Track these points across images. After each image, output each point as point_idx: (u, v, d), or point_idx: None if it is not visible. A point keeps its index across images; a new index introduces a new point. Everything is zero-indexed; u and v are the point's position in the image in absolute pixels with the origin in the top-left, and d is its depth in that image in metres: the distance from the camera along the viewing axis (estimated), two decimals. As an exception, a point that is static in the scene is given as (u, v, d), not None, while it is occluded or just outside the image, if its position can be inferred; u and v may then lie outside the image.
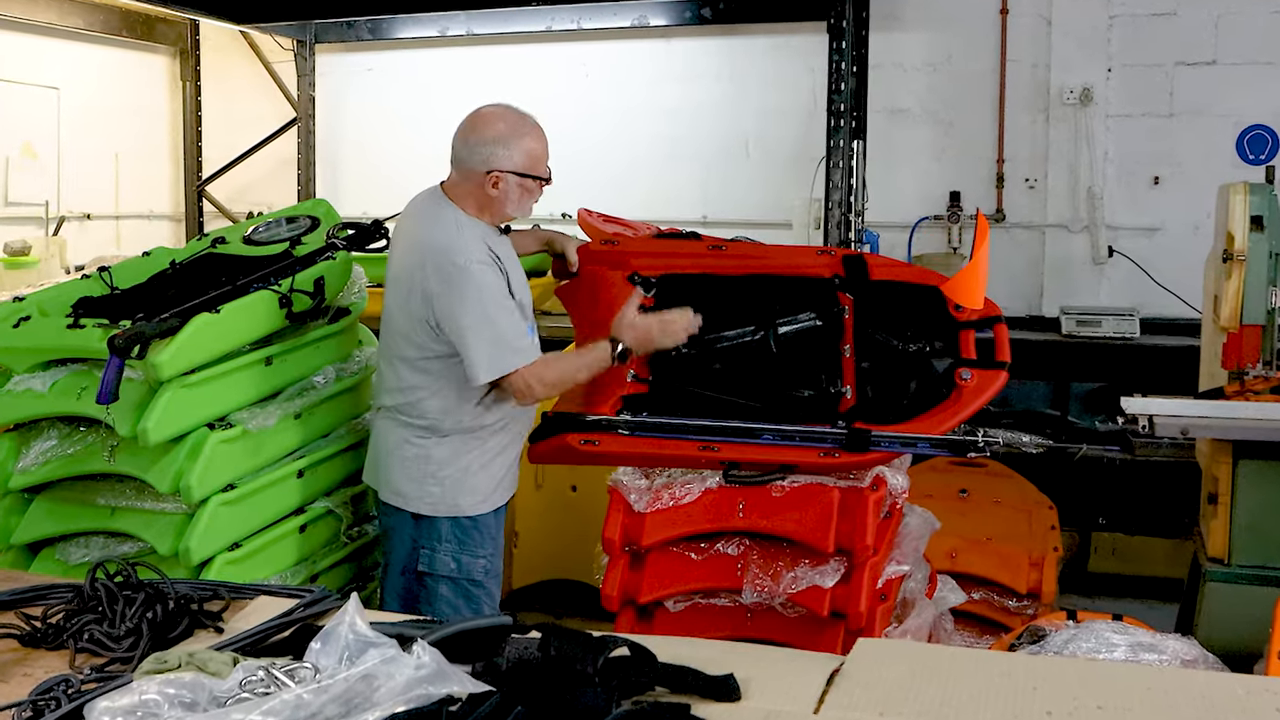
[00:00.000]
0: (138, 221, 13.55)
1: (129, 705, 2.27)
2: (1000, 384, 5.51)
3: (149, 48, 13.59)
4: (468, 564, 5.30)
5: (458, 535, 5.30)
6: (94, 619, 2.93)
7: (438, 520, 5.25)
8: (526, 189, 5.33)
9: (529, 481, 5.81)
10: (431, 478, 5.23)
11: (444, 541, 5.27)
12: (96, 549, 4.93)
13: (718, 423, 5.32)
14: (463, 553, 5.30)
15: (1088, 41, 11.00)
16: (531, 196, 5.39)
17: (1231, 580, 6.83)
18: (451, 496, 5.25)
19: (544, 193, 5.49)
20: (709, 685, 2.56)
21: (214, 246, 5.54)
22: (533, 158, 5.31)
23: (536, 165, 5.33)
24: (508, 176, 5.23)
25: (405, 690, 2.26)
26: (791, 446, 5.22)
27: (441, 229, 5.14)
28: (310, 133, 13.63)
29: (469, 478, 5.28)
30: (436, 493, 5.23)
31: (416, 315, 5.07)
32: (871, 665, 2.76)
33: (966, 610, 6.77)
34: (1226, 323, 7.04)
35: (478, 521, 5.33)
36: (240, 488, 4.90)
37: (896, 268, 5.77)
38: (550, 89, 12.20)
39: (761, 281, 5.68)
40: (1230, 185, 7.19)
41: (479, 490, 5.32)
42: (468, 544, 5.31)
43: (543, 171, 5.37)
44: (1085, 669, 2.88)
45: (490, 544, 5.39)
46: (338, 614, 2.46)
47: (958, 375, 5.43)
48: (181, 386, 4.68)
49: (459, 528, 5.29)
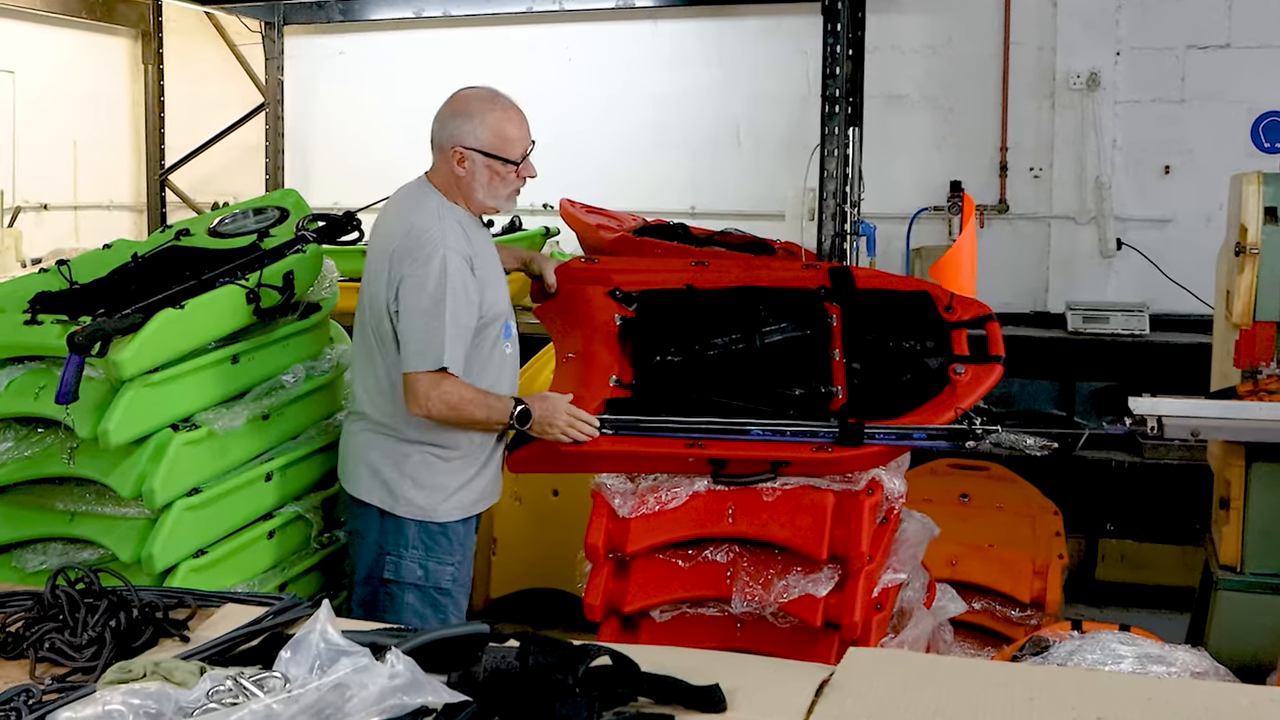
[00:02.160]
0: (97, 212, 13.53)
1: (93, 716, 2.29)
2: (995, 378, 5.62)
3: (109, 30, 13.56)
4: (435, 571, 5.32)
5: (425, 541, 5.31)
6: (55, 627, 2.95)
7: (405, 524, 5.28)
8: (496, 172, 5.30)
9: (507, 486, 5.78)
10: (401, 479, 5.25)
11: (411, 547, 5.29)
12: (55, 556, 4.93)
13: (705, 420, 5.35)
14: (430, 559, 5.31)
15: (1095, 23, 11.01)
16: (504, 182, 5.34)
17: (1244, 589, 6.84)
18: (420, 499, 5.27)
19: (525, 185, 5.45)
20: (694, 695, 2.59)
21: (178, 239, 5.55)
22: (502, 138, 5.29)
23: (506, 147, 5.29)
24: (473, 155, 5.24)
25: (379, 700, 2.27)
26: (782, 442, 5.26)
27: (421, 213, 5.19)
28: (279, 119, 13.61)
29: (439, 480, 5.31)
30: (406, 495, 5.25)
31: (385, 304, 5.11)
32: (863, 675, 2.78)
33: (967, 621, 6.79)
34: (1239, 319, 7.05)
35: (446, 528, 5.35)
36: (206, 492, 4.92)
37: (882, 277, 5.94)
38: (531, 73, 12.19)
39: (747, 293, 5.76)
40: (1244, 175, 7.20)
41: (450, 495, 5.33)
42: (435, 550, 5.32)
43: (512, 154, 5.30)
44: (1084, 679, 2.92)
45: (459, 551, 5.41)
46: (308, 622, 2.48)
47: (951, 370, 5.52)
48: (144, 385, 4.70)
49: (426, 533, 5.30)
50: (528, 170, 5.40)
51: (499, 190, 5.35)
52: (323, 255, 5.57)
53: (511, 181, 5.36)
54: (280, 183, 13.48)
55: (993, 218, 11.28)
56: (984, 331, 5.80)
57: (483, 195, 5.33)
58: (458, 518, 5.38)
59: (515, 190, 5.42)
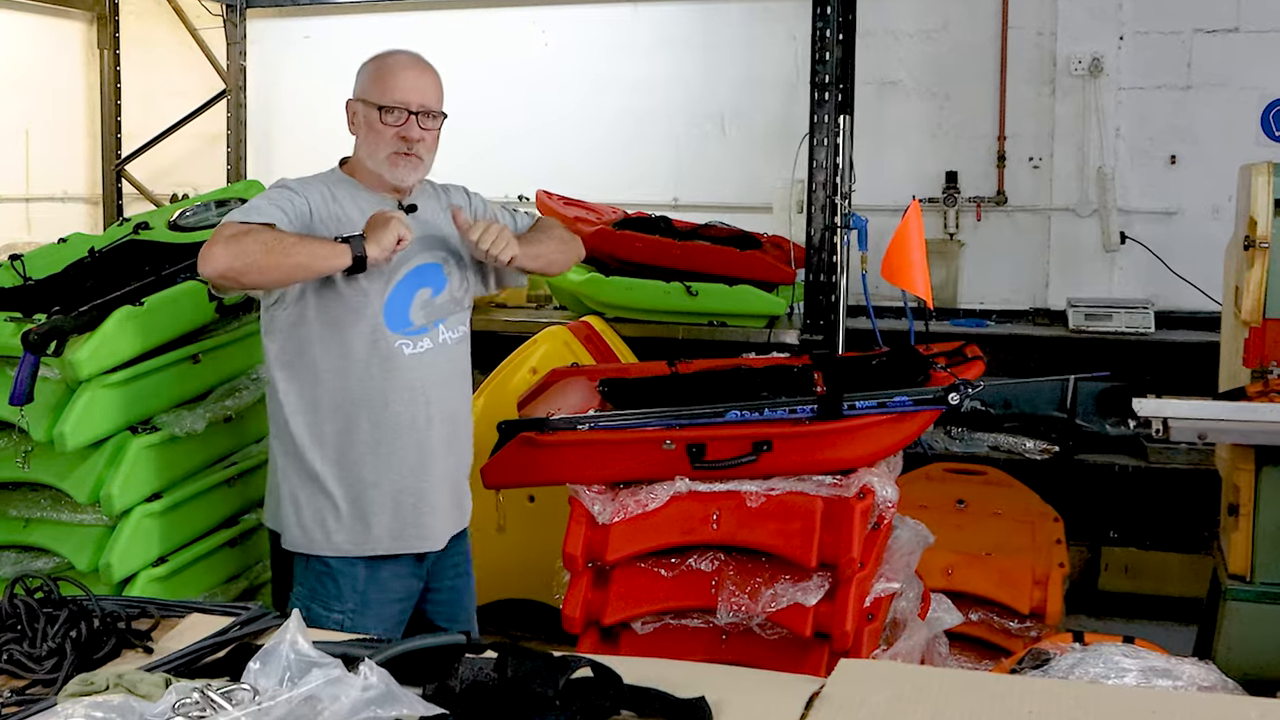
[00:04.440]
0: (50, 204, 13.49)
1: (54, 729, 2.32)
2: (979, 368, 5.79)
3: (62, 13, 13.51)
4: (319, 616, 4.83)
5: (309, 580, 4.98)
6: (13, 638, 2.95)
7: (293, 555, 5.00)
8: (371, 126, 4.91)
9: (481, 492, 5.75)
10: (285, 498, 4.97)
11: (297, 583, 5.00)
12: (9, 564, 4.95)
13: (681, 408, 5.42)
14: (313, 601, 4.90)
15: (1098, 7, 10.99)
16: (377, 138, 4.91)
17: (1254, 599, 6.86)
18: (300, 526, 4.96)
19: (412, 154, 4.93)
20: (679, 709, 2.60)
21: (137, 232, 5.57)
22: (376, 81, 4.95)
23: (374, 89, 4.94)
24: (356, 105, 4.98)
25: (351, 713, 2.29)
26: (760, 421, 5.31)
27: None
28: (241, 106, 13.57)
29: (319, 505, 4.92)
30: (287, 517, 4.98)
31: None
32: (854, 688, 2.80)
33: (964, 632, 6.82)
34: (1249, 316, 7.07)
35: (333, 568, 4.94)
36: (166, 497, 4.94)
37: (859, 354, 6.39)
38: (506, 58, 12.21)
39: (735, 371, 6.10)
40: (1253, 165, 7.23)
41: (330, 527, 4.93)
42: (320, 593, 4.94)
43: (379, 96, 4.89)
44: (1084, 692, 2.94)
45: (353, 598, 4.96)
46: (278, 632, 2.48)
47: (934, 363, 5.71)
48: (101, 386, 4.71)
49: (310, 571, 4.98)
50: (403, 128, 4.87)
51: (376, 148, 4.91)
52: (288, 250, 5.57)
53: (385, 137, 4.89)
54: (243, 173, 13.44)
55: (990, 210, 11.29)
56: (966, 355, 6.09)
57: (364, 155, 4.97)
58: (350, 555, 4.94)
59: (395, 153, 4.89)
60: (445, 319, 5.09)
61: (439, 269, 5.10)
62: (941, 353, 6.20)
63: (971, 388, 5.47)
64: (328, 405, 4.88)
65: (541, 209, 9.94)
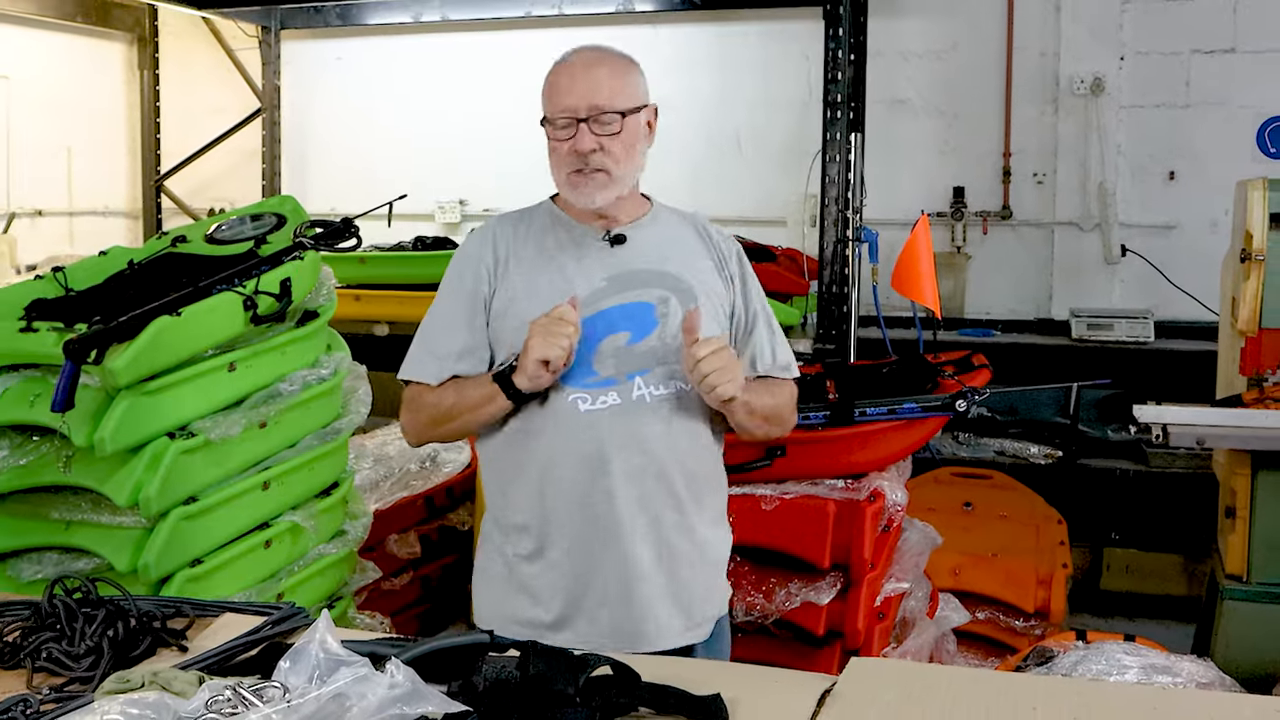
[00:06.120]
0: (92, 218, 13.53)
1: (91, 726, 2.30)
2: (985, 376, 5.78)
3: (104, 34, 13.58)
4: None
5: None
6: (52, 637, 2.95)
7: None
8: (549, 144, 4.15)
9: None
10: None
11: None
12: (50, 565, 4.92)
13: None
14: None
15: (1099, 28, 11.01)
16: (555, 155, 4.12)
17: (1251, 599, 6.86)
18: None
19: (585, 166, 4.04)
20: (695, 706, 2.59)
21: (174, 245, 5.55)
22: (544, 92, 4.20)
23: (546, 103, 4.17)
24: (544, 127, 4.18)
25: (379, 710, 2.27)
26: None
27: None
28: (276, 124, 13.61)
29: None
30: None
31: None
32: (865, 686, 2.79)
33: (970, 631, 6.82)
34: (1245, 326, 7.07)
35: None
36: (202, 500, 4.91)
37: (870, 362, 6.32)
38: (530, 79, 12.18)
39: None
40: (1249, 181, 7.23)
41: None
42: None
43: (549, 110, 4.12)
44: (1087, 689, 2.92)
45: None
46: (308, 631, 2.48)
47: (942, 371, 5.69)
48: (140, 393, 4.69)
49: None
50: (575, 141, 4.04)
51: (557, 170, 4.14)
52: (320, 262, 5.55)
53: (560, 155, 4.10)
54: (277, 188, 13.48)
55: (996, 224, 11.29)
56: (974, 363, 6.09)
57: (555, 174, 4.17)
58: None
59: (571, 171, 4.06)
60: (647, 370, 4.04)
61: (650, 310, 4.10)
62: (949, 361, 6.20)
63: (978, 395, 5.47)
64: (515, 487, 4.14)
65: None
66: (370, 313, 9.80)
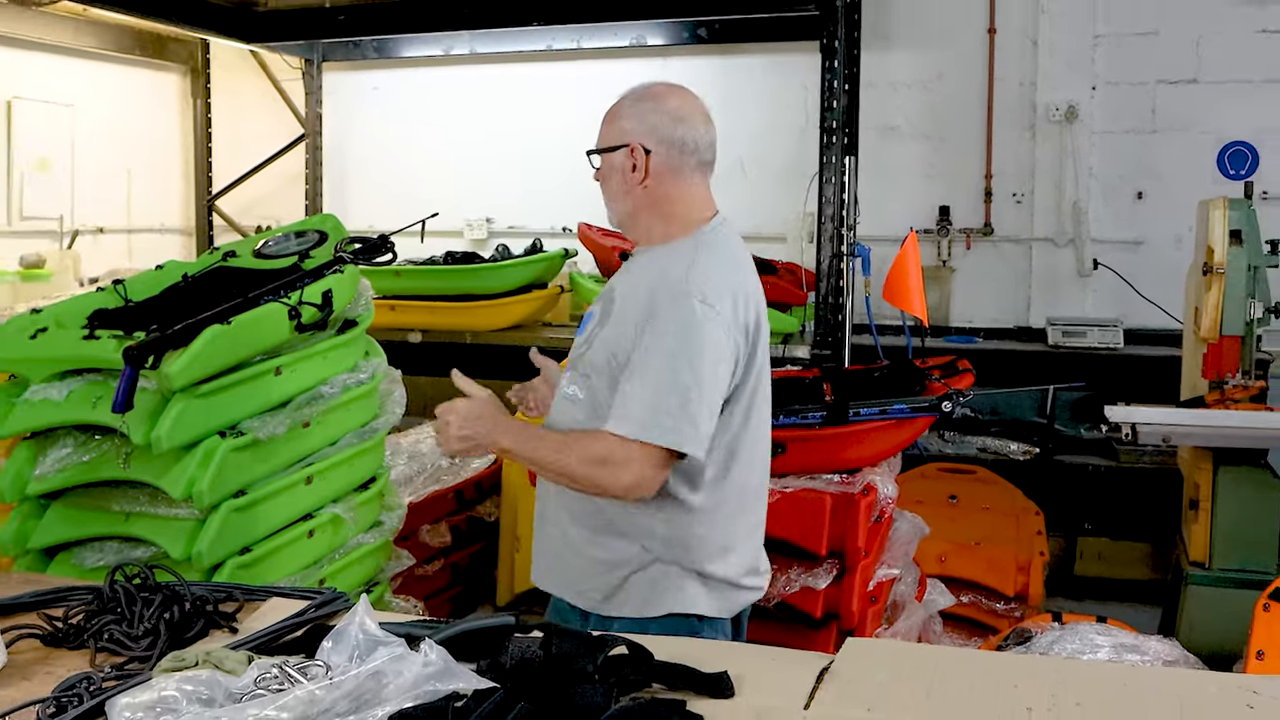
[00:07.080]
0: (149, 235, 13.54)
1: (149, 701, 2.30)
2: (969, 379, 5.76)
3: (161, 66, 13.60)
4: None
5: None
6: (113, 619, 2.96)
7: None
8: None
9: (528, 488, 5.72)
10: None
11: None
12: (111, 554, 4.93)
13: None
14: None
15: (1073, 60, 11.01)
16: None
17: (1212, 583, 6.88)
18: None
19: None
20: (704, 682, 2.60)
21: (225, 260, 5.55)
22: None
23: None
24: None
25: (413, 686, 2.29)
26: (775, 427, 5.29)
27: None
28: (318, 149, 13.62)
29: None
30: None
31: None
32: (860, 664, 2.79)
33: (955, 613, 6.81)
34: (1207, 334, 7.09)
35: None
36: (251, 494, 4.91)
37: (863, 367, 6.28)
38: (554, 107, 12.21)
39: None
40: (1210, 200, 7.24)
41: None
42: None
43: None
44: (1064, 668, 2.92)
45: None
46: (348, 614, 2.49)
47: (929, 375, 5.67)
48: (194, 396, 4.69)
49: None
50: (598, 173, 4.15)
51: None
52: (359, 275, 5.56)
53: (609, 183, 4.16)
54: (319, 208, 13.51)
55: (978, 240, 11.29)
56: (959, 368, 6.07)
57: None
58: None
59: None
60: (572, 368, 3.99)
61: (589, 316, 4.06)
62: (936, 366, 6.20)
63: (962, 396, 5.46)
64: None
65: (583, 239, 9.95)
66: (405, 321, 9.84)
